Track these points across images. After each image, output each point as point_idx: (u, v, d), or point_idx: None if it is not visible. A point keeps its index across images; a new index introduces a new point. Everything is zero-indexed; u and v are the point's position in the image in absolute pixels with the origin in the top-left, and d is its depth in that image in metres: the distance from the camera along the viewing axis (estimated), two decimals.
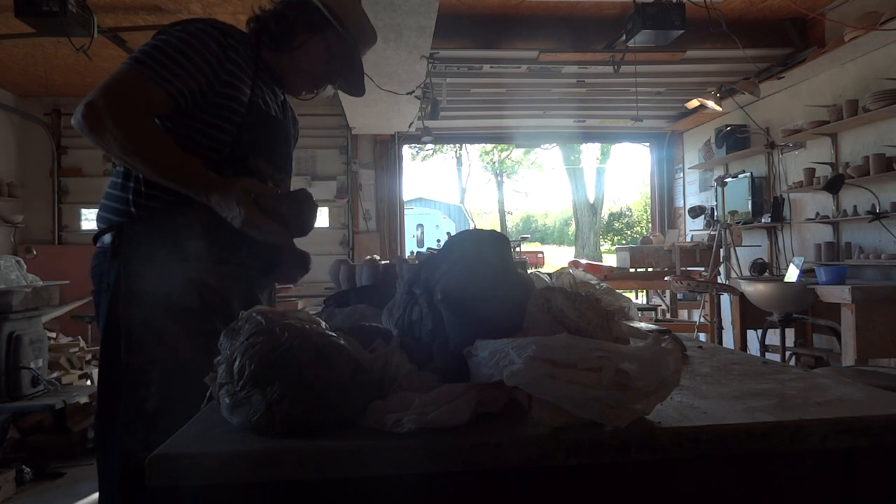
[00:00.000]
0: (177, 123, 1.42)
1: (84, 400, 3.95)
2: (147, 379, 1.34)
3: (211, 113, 1.43)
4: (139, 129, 1.33)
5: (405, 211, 8.34)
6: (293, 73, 1.60)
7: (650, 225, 8.96)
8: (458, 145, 23.50)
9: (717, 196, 6.45)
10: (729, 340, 5.63)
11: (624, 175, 42.35)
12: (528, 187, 30.39)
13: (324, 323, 0.89)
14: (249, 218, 1.32)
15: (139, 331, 1.36)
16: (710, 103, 5.36)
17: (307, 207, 1.40)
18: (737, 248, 5.81)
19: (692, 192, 7.59)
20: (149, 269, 1.37)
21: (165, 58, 1.37)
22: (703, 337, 5.59)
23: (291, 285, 1.51)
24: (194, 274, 1.39)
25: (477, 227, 8.73)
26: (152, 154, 1.34)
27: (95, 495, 2.57)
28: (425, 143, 7.53)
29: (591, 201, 22.57)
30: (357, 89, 1.76)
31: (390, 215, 7.60)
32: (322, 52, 1.59)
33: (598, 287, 1.20)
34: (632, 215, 26.59)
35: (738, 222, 5.98)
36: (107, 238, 1.44)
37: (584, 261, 8.93)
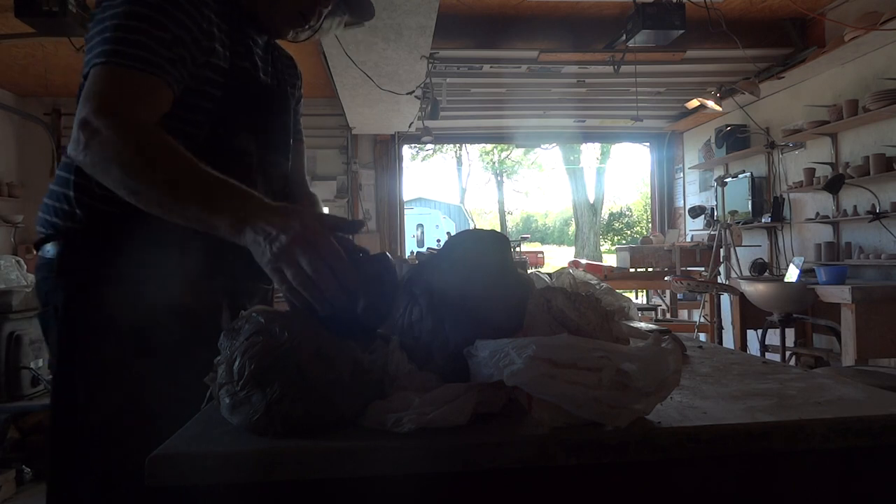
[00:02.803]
0: None
1: None
2: (110, 437, 1.06)
3: (188, 89, 1.10)
4: (161, 149, 0.97)
5: (405, 211, 8.34)
6: (275, 11, 1.24)
7: (650, 225, 8.96)
8: (458, 145, 23.50)
9: (717, 196, 6.45)
10: (729, 340, 5.63)
11: (624, 175, 42.38)
12: (528, 187, 30.42)
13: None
14: (312, 238, 0.83)
15: (100, 376, 1.08)
16: (710, 103, 5.36)
17: (390, 278, 0.92)
18: (737, 248, 5.81)
19: (692, 192, 7.59)
20: (108, 295, 1.09)
21: (147, 38, 1.02)
22: (703, 337, 5.59)
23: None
24: (165, 297, 1.09)
25: (477, 227, 8.73)
26: (182, 180, 0.95)
27: None
28: (425, 143, 7.53)
29: (591, 201, 22.58)
30: (365, 11, 1.38)
31: (390, 215, 7.60)
32: None
33: (598, 287, 1.19)
34: (632, 215, 26.59)
35: (738, 222, 5.98)
36: (49, 248, 1.13)
37: (584, 261, 8.93)
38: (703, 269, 6.24)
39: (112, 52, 1.01)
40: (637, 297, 7.93)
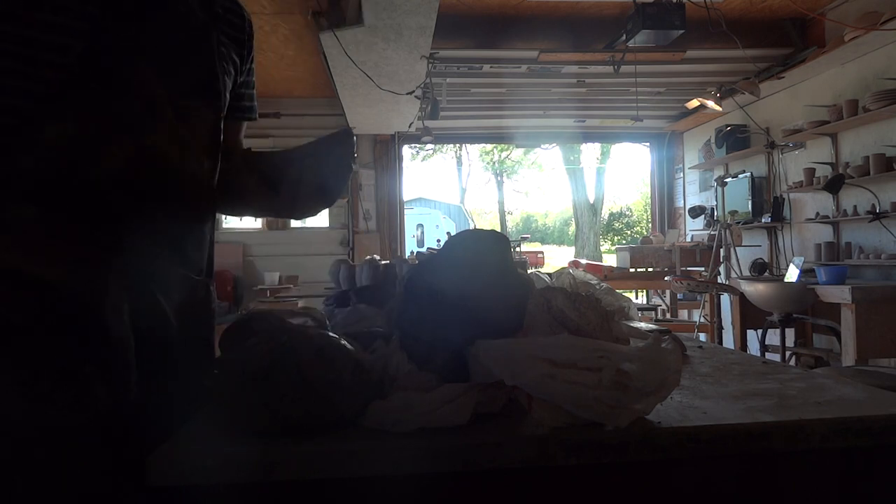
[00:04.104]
0: None
1: None
2: None
3: (49, 4, 0.79)
4: None
5: (405, 211, 8.35)
6: None
7: (650, 225, 8.96)
8: (458, 145, 23.52)
9: (717, 196, 6.45)
10: (729, 340, 5.63)
11: (624, 175, 42.47)
12: (528, 187, 30.46)
13: (327, 321, 0.89)
14: None
15: None
16: (710, 103, 5.36)
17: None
18: (737, 248, 5.81)
19: (692, 192, 7.59)
20: None
21: None
22: (703, 337, 5.59)
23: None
24: (14, 261, 0.79)
25: (477, 227, 8.72)
26: None
27: None
28: (425, 143, 7.53)
29: (591, 201, 22.59)
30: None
31: (390, 215, 7.59)
32: None
33: (598, 287, 1.19)
34: (632, 215, 26.60)
35: (738, 222, 5.98)
36: None
37: (584, 261, 8.94)
38: (703, 269, 6.24)
39: None
40: (637, 297, 7.93)
